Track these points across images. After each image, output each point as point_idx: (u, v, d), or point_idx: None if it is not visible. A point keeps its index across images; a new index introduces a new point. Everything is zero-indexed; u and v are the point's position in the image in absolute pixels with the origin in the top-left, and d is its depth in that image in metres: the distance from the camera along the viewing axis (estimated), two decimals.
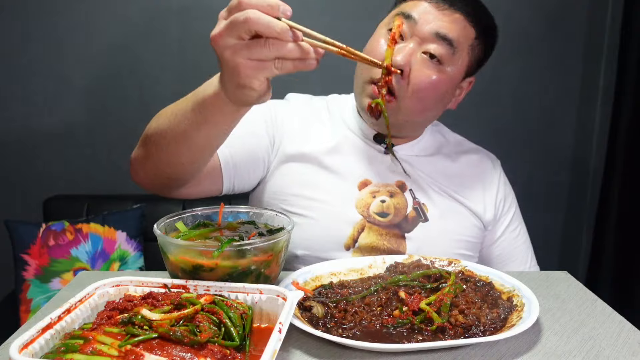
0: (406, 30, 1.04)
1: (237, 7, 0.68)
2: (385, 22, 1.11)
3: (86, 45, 2.33)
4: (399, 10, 1.08)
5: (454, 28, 1.04)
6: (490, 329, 0.71)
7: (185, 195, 1.04)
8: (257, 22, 0.66)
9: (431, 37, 1.03)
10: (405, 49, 1.03)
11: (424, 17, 1.03)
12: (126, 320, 0.60)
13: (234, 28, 0.68)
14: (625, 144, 2.31)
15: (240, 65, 0.70)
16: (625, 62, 2.30)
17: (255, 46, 0.68)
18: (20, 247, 2.05)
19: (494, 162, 1.27)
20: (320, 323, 0.73)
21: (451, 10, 1.04)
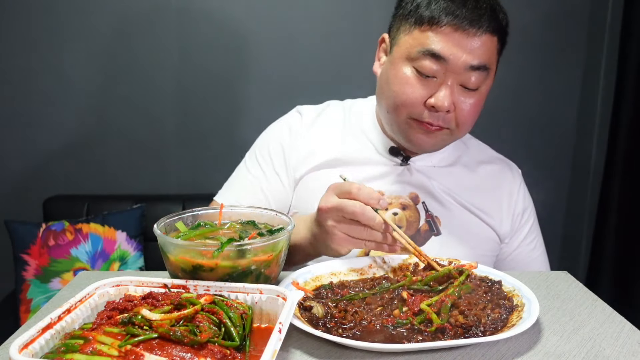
0: (437, 69, 0.99)
1: (349, 194, 0.85)
2: (405, 53, 1.02)
3: (86, 46, 2.33)
4: (420, 44, 0.99)
5: (484, 52, 1.00)
6: (490, 329, 0.71)
7: None
8: (362, 215, 0.84)
9: (465, 71, 0.99)
10: (446, 92, 0.99)
11: (454, 53, 0.97)
12: (126, 320, 0.60)
13: (341, 211, 0.85)
14: (625, 144, 2.31)
15: (337, 235, 0.87)
16: (625, 62, 2.30)
17: (356, 228, 0.86)
18: (20, 247, 2.05)
19: (514, 172, 1.25)
20: (320, 323, 0.73)
21: (479, 33, 0.98)
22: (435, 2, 0.99)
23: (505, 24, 1.06)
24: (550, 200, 2.59)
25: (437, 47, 0.98)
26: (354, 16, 2.39)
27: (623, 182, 2.32)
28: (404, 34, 1.03)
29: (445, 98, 0.99)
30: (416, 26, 1.00)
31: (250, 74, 2.38)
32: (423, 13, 0.99)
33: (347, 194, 0.85)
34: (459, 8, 0.98)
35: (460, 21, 0.97)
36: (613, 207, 2.36)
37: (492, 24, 1.00)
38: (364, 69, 2.33)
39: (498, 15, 1.02)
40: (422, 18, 0.99)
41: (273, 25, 2.37)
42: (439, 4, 0.98)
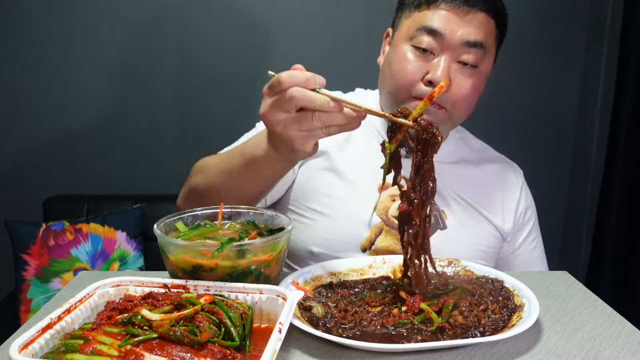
0: (434, 45, 1.02)
1: (279, 86, 0.75)
2: (404, 34, 1.07)
3: (86, 46, 2.33)
4: (418, 23, 1.04)
5: (480, 31, 1.03)
6: (490, 330, 0.71)
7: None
8: (302, 98, 0.74)
9: (461, 46, 1.02)
10: (442, 65, 1.02)
11: (450, 28, 1.01)
12: (126, 320, 0.60)
13: (281, 105, 0.76)
14: (625, 144, 2.31)
15: (292, 136, 0.78)
16: (625, 62, 2.30)
17: (304, 119, 0.76)
18: (20, 247, 2.05)
19: (516, 172, 1.26)
20: (320, 323, 0.73)
21: (473, 12, 1.02)
22: None
23: (503, 11, 1.09)
24: (550, 200, 2.59)
25: (434, 23, 1.02)
26: (358, 12, 2.39)
27: (623, 182, 2.32)
28: (404, 19, 1.08)
29: (441, 71, 1.01)
30: (415, 9, 1.06)
31: (251, 73, 2.38)
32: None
33: (278, 87, 0.75)
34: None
35: (455, 3, 1.02)
36: (613, 207, 2.36)
37: (487, 5, 1.04)
38: (371, 66, 2.33)
39: (496, 6, 1.06)
40: (420, 1, 1.04)
41: (275, 24, 2.37)
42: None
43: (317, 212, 1.10)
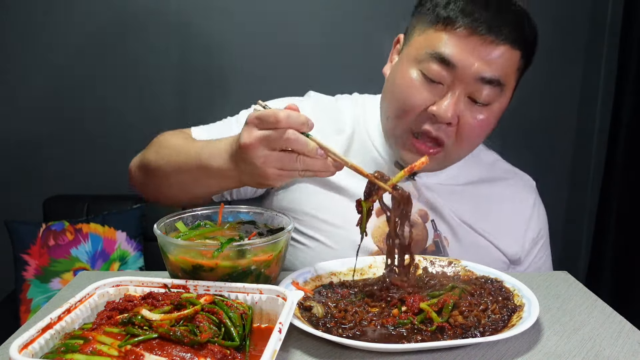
0: (444, 75, 0.91)
1: (275, 123, 0.73)
2: (414, 54, 0.94)
3: (86, 46, 2.33)
4: (430, 46, 0.91)
5: (499, 65, 0.90)
6: (489, 330, 0.71)
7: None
8: (296, 142, 0.73)
9: (475, 82, 0.91)
10: (449, 100, 0.91)
11: (464, 59, 0.89)
12: (126, 320, 0.60)
13: (270, 142, 0.74)
14: (625, 144, 2.31)
15: (269, 172, 0.76)
16: (625, 62, 2.30)
17: (288, 160, 0.75)
18: (20, 247, 2.05)
19: (527, 188, 1.17)
20: (320, 323, 0.73)
21: (497, 42, 0.89)
22: (455, 2, 0.90)
23: (533, 39, 0.95)
24: (551, 200, 2.59)
25: (446, 50, 0.89)
26: (356, 14, 2.39)
27: (623, 182, 2.32)
28: (418, 33, 0.96)
29: (448, 108, 0.91)
30: (431, 26, 0.92)
31: (250, 74, 2.38)
32: (440, 12, 0.91)
33: (273, 124, 0.73)
34: (479, 10, 0.88)
35: (478, 25, 0.88)
36: (613, 207, 2.36)
37: (514, 35, 0.90)
38: (367, 69, 2.32)
39: (524, 27, 0.92)
40: (437, 17, 0.91)
41: (273, 25, 2.37)
42: (457, 4, 0.90)
43: (310, 237, 1.05)
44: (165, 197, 1.06)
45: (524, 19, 0.93)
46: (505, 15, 0.90)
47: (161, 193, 1.05)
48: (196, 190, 0.96)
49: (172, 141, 1.01)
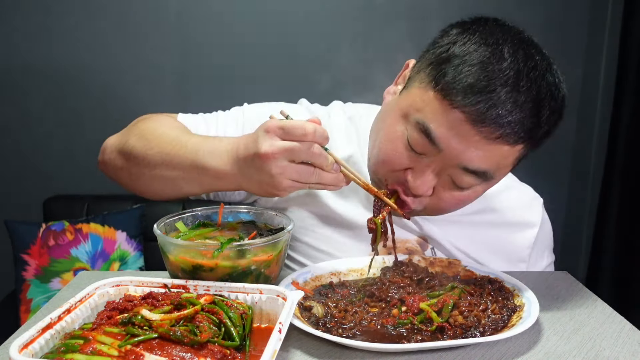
0: (427, 149, 0.80)
1: (302, 136, 0.72)
2: (407, 106, 0.83)
3: (86, 45, 2.33)
4: (421, 110, 0.80)
5: (490, 160, 0.79)
6: (489, 330, 0.71)
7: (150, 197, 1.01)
8: (319, 156, 0.73)
9: (458, 168, 0.81)
10: (427, 177, 0.82)
11: (453, 147, 0.78)
12: (126, 320, 0.60)
13: (294, 154, 0.73)
14: (625, 144, 2.31)
15: (284, 184, 0.75)
16: (625, 62, 2.30)
17: (305, 173, 0.74)
18: (20, 247, 2.05)
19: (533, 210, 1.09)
20: (320, 323, 0.73)
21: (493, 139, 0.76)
22: (464, 72, 0.76)
23: (544, 132, 0.81)
24: (551, 200, 2.59)
25: (435, 127, 0.78)
26: (355, 15, 2.39)
27: (623, 182, 2.32)
28: (419, 82, 0.83)
29: (423, 184, 0.82)
30: (431, 84, 0.80)
31: (250, 73, 2.38)
32: (446, 72, 0.78)
33: (300, 137, 0.72)
34: (485, 99, 0.74)
35: (478, 115, 0.75)
36: (613, 207, 2.36)
37: (518, 136, 0.77)
38: (368, 67, 2.33)
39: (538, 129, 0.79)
40: (440, 78, 0.78)
41: (273, 25, 2.37)
42: (466, 76, 0.75)
43: (304, 265, 1.00)
44: (144, 189, 0.96)
45: (539, 113, 0.78)
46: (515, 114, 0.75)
47: (141, 184, 0.95)
48: (184, 188, 0.88)
49: (162, 129, 0.93)
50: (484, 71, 0.75)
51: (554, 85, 0.80)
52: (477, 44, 0.78)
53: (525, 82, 0.76)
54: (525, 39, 0.81)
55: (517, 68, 0.76)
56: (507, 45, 0.78)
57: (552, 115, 0.80)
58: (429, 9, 2.37)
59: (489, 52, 0.76)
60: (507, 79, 0.75)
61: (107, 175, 1.04)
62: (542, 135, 0.82)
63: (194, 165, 0.83)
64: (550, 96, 0.79)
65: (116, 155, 0.97)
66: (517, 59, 0.76)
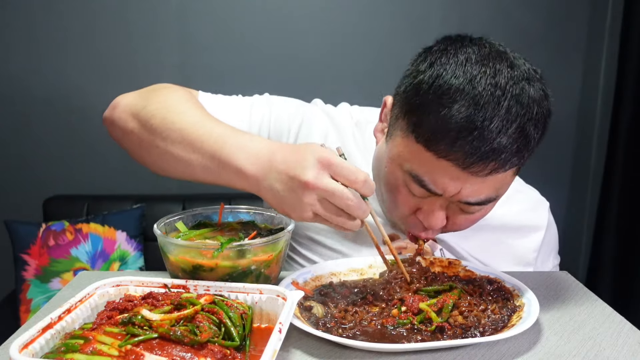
0: (427, 193, 0.81)
1: (351, 183, 0.70)
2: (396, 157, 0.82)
3: (86, 45, 2.33)
4: (409, 162, 0.80)
5: (491, 188, 0.79)
6: (490, 330, 0.71)
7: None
8: (356, 209, 0.71)
9: (462, 203, 0.81)
10: (437, 214, 0.82)
11: (449, 189, 0.78)
12: (126, 320, 0.60)
13: (334, 198, 0.70)
14: (625, 144, 2.31)
15: (306, 215, 0.72)
16: (625, 62, 2.30)
17: (333, 215, 0.72)
18: (20, 247, 2.05)
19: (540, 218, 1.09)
20: (320, 323, 0.73)
21: (486, 173, 0.75)
22: (441, 119, 0.73)
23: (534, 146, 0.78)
24: (551, 200, 2.59)
25: (427, 178, 0.78)
26: (356, 13, 2.39)
27: (623, 182, 2.32)
28: (400, 131, 0.82)
29: (436, 221, 0.82)
30: (413, 136, 0.78)
31: (250, 73, 2.38)
32: (423, 121, 0.76)
33: (349, 182, 0.70)
34: (470, 142, 0.72)
35: (466, 159, 0.73)
36: (613, 207, 2.37)
37: (510, 163, 0.75)
38: (368, 67, 2.33)
39: (526, 149, 0.76)
40: (419, 129, 0.77)
41: (274, 24, 2.37)
42: (443, 124, 0.73)
43: (309, 259, 1.02)
44: (152, 161, 0.88)
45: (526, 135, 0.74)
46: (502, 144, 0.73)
47: (151, 155, 0.87)
48: (198, 174, 0.81)
49: (186, 105, 0.86)
50: (460, 113, 0.72)
51: (536, 98, 0.75)
52: (443, 77, 0.74)
53: (505, 105, 0.72)
54: (494, 54, 0.76)
55: (493, 93, 0.72)
56: (477, 68, 0.74)
57: (540, 130, 0.76)
58: (429, 8, 2.38)
59: (457, 85, 0.73)
60: (486, 112, 0.71)
61: (111, 134, 0.97)
62: (532, 149, 0.78)
63: (216, 156, 0.77)
64: (535, 111, 0.74)
65: (129, 117, 0.90)
66: (491, 83, 0.72)
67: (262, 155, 0.74)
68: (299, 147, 0.73)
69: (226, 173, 0.77)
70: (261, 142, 0.77)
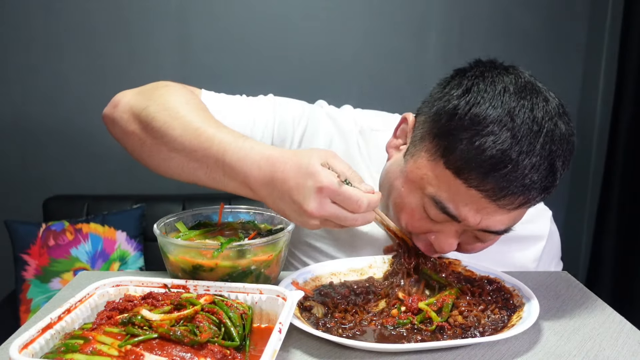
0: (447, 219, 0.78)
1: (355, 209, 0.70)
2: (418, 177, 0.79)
3: (86, 45, 2.33)
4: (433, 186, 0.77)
5: (511, 221, 0.78)
6: (489, 330, 0.71)
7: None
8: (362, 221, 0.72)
9: (480, 231, 0.80)
10: (451, 240, 0.80)
11: (471, 219, 0.76)
12: (126, 320, 0.60)
13: (339, 220, 0.71)
14: (625, 144, 2.31)
15: (311, 224, 0.72)
16: (625, 62, 2.30)
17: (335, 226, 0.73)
18: (20, 247, 2.05)
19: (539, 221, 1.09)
20: (320, 323, 0.73)
21: (513, 207, 0.74)
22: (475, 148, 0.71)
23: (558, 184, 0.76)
24: (550, 200, 2.59)
25: (451, 205, 0.76)
26: (357, 13, 2.39)
27: (623, 182, 2.32)
28: (426, 152, 0.79)
29: (447, 246, 0.81)
30: (442, 160, 0.75)
31: (250, 73, 2.38)
32: (455, 147, 0.73)
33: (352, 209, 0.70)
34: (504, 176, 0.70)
35: (497, 192, 0.72)
36: (613, 207, 2.37)
37: (538, 197, 0.74)
38: (367, 68, 2.33)
39: (554, 184, 0.74)
40: (449, 154, 0.74)
41: (273, 24, 2.38)
42: (477, 154, 0.71)
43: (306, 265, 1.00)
44: (156, 164, 0.86)
45: (555, 169, 0.73)
46: (533, 179, 0.71)
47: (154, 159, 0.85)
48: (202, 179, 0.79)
49: (187, 108, 0.82)
50: (496, 144, 0.70)
51: (566, 135, 0.74)
52: (481, 106, 0.72)
53: (540, 141, 0.71)
54: (529, 86, 0.75)
55: (531, 127, 0.70)
56: (515, 100, 0.72)
57: (566, 166, 0.75)
58: (429, 9, 2.38)
59: (495, 116, 0.71)
60: (522, 146, 0.70)
61: (110, 132, 0.94)
62: (557, 186, 0.76)
63: (219, 166, 0.76)
64: (564, 147, 0.73)
65: (130, 117, 0.87)
66: (529, 117, 0.71)
67: (264, 168, 0.72)
68: (300, 163, 0.70)
69: (231, 184, 0.76)
70: (262, 151, 0.73)
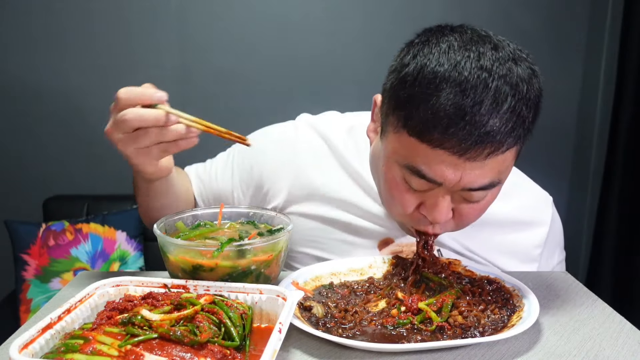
0: (430, 185, 0.78)
1: (116, 105, 0.78)
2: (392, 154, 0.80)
3: (86, 45, 2.33)
4: (406, 157, 0.77)
5: (493, 172, 0.76)
6: (490, 330, 0.71)
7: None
8: (135, 119, 0.76)
9: (464, 191, 0.78)
10: (440, 206, 0.79)
11: (449, 178, 0.75)
12: (126, 320, 0.60)
13: (118, 126, 0.78)
14: (625, 144, 2.31)
15: (130, 154, 0.80)
16: (625, 62, 2.30)
17: (138, 137, 0.78)
18: (20, 247, 2.05)
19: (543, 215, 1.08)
20: (320, 323, 0.73)
21: (482, 157, 0.73)
22: (430, 110, 0.71)
23: (529, 125, 0.75)
24: None
25: (425, 168, 0.75)
26: (357, 14, 2.39)
27: (623, 182, 2.32)
28: (392, 127, 0.79)
29: (440, 213, 0.79)
30: (405, 130, 0.76)
31: (251, 73, 2.38)
32: (413, 114, 0.74)
33: (116, 107, 0.79)
34: (462, 129, 0.70)
35: (461, 145, 0.71)
36: (613, 207, 2.37)
37: (506, 145, 0.73)
38: (367, 68, 2.33)
39: (521, 128, 0.74)
40: (410, 122, 0.75)
41: (274, 25, 2.38)
42: (433, 114, 0.71)
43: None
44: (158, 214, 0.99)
45: (519, 113, 0.72)
46: (495, 127, 0.71)
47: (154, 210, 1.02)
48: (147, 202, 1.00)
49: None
50: (449, 100, 0.70)
51: (524, 77, 0.73)
52: (428, 68, 0.72)
53: (492, 87, 0.70)
54: (476, 38, 0.75)
55: (479, 76, 0.70)
56: (460, 53, 0.72)
57: (532, 108, 0.74)
58: (429, 9, 2.38)
59: (442, 72, 0.71)
60: (474, 96, 0.69)
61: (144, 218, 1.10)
62: (528, 129, 0.76)
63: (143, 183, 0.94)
64: (524, 89, 0.72)
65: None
66: (476, 66, 0.71)
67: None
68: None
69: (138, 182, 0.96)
70: None
